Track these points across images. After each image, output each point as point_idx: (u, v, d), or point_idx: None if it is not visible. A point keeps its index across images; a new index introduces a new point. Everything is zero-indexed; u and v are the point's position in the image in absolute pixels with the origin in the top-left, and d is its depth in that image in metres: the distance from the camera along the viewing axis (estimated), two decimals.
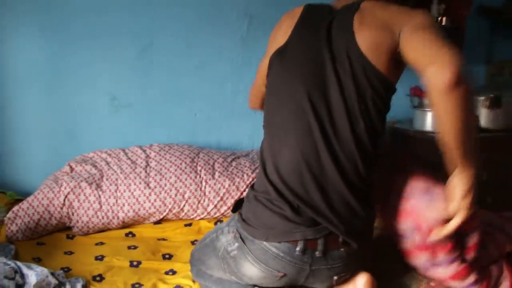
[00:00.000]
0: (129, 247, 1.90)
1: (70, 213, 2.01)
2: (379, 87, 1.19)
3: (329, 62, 1.22)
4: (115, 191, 2.07)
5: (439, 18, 2.58)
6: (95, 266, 1.74)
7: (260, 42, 2.50)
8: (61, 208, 2.00)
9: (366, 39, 1.18)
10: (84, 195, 2.03)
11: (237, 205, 1.42)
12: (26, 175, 2.39)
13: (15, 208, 1.99)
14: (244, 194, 2.09)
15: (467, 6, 2.55)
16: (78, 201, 2.02)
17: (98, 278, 1.64)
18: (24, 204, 2.00)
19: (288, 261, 1.24)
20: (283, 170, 1.25)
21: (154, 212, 2.06)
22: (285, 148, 1.25)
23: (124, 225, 2.07)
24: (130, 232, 2.05)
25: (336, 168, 1.20)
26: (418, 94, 2.41)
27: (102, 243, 1.96)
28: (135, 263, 1.74)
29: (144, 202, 2.05)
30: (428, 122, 2.38)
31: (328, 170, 1.21)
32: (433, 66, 1.04)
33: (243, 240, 1.28)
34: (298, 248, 1.21)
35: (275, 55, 1.34)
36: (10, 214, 1.98)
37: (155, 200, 2.05)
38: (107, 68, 2.38)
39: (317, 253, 1.22)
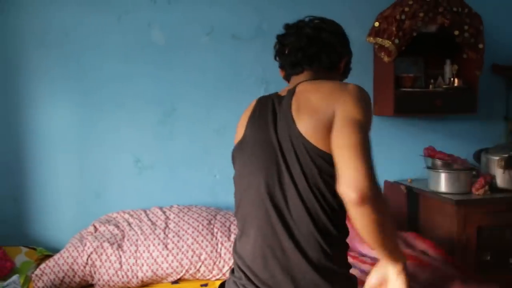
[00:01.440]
0: None
1: (93, 272, 2.12)
2: (325, 166, 1.21)
3: (278, 149, 1.27)
4: (135, 251, 2.18)
5: (451, 79, 2.65)
6: None
7: None
8: (84, 267, 2.12)
9: (305, 123, 1.23)
10: (106, 255, 2.14)
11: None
12: (55, 232, 2.52)
13: (42, 266, 2.12)
14: None
15: (479, 66, 2.61)
16: (100, 260, 2.13)
17: None
18: (51, 262, 2.13)
19: None
20: (248, 258, 1.28)
21: (172, 273, 2.14)
22: (249, 237, 1.29)
23: (143, 284, 2.16)
24: None
25: (298, 251, 1.21)
26: (431, 155, 2.46)
27: None
28: None
29: (162, 263, 2.14)
30: (442, 182, 2.40)
31: (290, 253, 1.22)
32: (341, 180, 1.10)
33: None
34: None
35: (236, 148, 1.42)
36: (37, 272, 2.11)
37: (172, 261, 2.14)
38: (132, 132, 2.55)
39: None
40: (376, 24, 2.52)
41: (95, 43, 2.50)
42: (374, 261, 1.87)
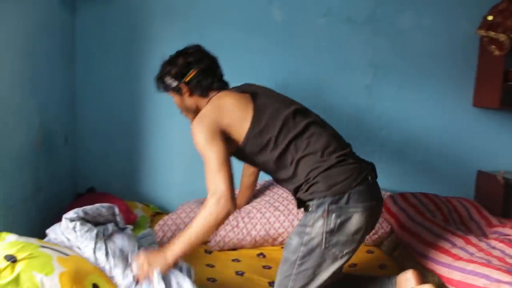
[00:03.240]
0: (264, 267, 2.14)
1: None
2: None
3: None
4: (249, 212, 2.36)
5: None
6: (237, 280, 2.00)
7: (383, 91, 2.75)
8: None
9: None
10: None
11: (300, 202, 1.73)
12: (165, 192, 2.74)
13: (165, 217, 2.34)
14: None
15: None
16: None
17: None
18: (173, 215, 2.34)
19: (374, 188, 1.68)
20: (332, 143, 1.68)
21: (283, 232, 2.29)
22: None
23: (255, 244, 2.32)
24: (261, 253, 2.29)
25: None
26: None
27: (238, 260, 2.21)
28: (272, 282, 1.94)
29: (274, 223, 2.30)
30: None
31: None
32: None
33: (337, 204, 1.59)
34: (370, 178, 1.66)
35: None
36: (160, 222, 2.33)
37: (283, 221, 2.30)
38: None
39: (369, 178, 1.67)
40: (490, 17, 2.57)
41: (217, 17, 2.66)
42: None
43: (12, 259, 1.53)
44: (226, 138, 1.67)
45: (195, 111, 1.82)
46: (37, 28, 2.11)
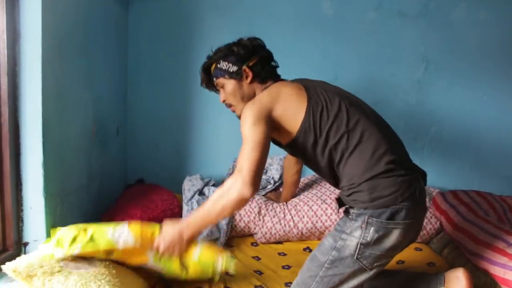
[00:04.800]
0: None
1: (257, 219, 2.31)
2: None
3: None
4: (296, 205, 2.36)
5: None
6: (284, 273, 2.01)
7: (434, 87, 2.69)
8: (251, 213, 2.32)
9: None
10: (272, 205, 2.36)
11: (341, 202, 1.72)
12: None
13: None
14: None
15: None
16: (266, 209, 2.33)
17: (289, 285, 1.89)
18: None
19: (419, 202, 1.58)
20: (382, 144, 1.58)
21: (330, 225, 2.28)
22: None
23: (302, 237, 2.33)
24: (308, 247, 2.29)
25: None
26: None
27: (284, 254, 2.22)
28: None
29: (321, 216, 2.30)
30: None
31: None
32: None
33: (378, 218, 1.51)
34: (417, 192, 1.55)
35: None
36: None
37: (331, 214, 2.30)
38: None
39: (417, 193, 1.57)
40: None
41: (266, 9, 2.66)
42: None
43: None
44: (277, 127, 1.61)
45: (250, 99, 1.71)
46: (93, 22, 2.17)
